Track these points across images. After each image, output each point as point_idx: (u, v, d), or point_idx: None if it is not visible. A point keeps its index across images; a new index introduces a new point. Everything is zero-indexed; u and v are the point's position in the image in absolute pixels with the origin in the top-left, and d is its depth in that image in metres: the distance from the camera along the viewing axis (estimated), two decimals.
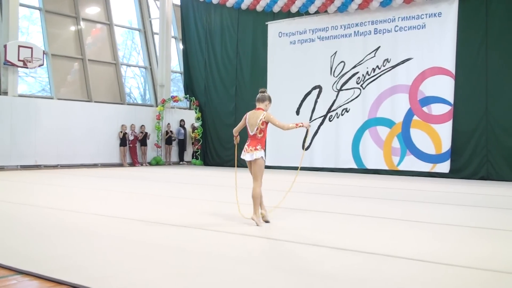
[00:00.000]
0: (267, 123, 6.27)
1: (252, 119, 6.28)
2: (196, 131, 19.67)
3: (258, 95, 6.35)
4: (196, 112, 19.65)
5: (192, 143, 20.26)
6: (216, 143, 19.19)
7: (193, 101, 19.69)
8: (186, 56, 20.12)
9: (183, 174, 15.10)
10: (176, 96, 20.29)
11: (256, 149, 6.25)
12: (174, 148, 20.23)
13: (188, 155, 20.60)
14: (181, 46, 21.31)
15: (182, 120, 20.36)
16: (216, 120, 19.15)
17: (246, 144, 6.38)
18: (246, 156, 6.34)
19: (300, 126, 6.56)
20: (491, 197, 9.69)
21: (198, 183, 12.13)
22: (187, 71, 20.17)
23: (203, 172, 15.66)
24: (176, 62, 22.37)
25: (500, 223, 6.65)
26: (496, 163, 13.54)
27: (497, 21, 13.51)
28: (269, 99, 6.37)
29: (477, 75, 13.75)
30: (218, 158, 19.08)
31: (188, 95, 19.94)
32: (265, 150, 6.32)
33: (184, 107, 21.42)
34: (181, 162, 20.30)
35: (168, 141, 19.77)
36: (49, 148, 16.37)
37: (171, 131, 19.80)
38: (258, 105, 6.34)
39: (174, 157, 20.31)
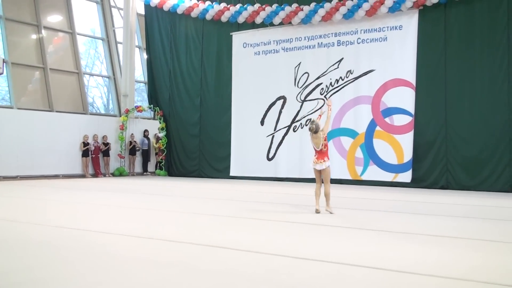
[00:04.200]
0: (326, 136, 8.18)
1: (315, 139, 8.14)
2: (160, 141, 19.55)
3: (312, 131, 8.10)
4: (160, 122, 19.54)
5: (156, 154, 20.10)
6: (180, 154, 19.11)
7: (157, 111, 19.58)
8: (150, 66, 20.02)
9: (147, 184, 14.97)
10: (140, 106, 20.14)
11: (324, 161, 8.08)
12: (138, 158, 20.04)
13: (152, 166, 20.43)
14: (145, 56, 21.19)
15: (146, 130, 20.19)
16: (180, 131, 19.09)
17: (315, 157, 8.22)
18: (316, 166, 8.16)
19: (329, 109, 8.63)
20: (449, 206, 9.94)
21: (162, 194, 12.05)
22: (151, 81, 20.06)
23: (168, 183, 15.57)
24: (140, 72, 22.21)
25: (458, 231, 6.83)
26: (455, 172, 13.92)
27: (455, 34, 13.96)
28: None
29: (436, 86, 14.15)
30: (183, 169, 19.00)
31: (152, 105, 19.83)
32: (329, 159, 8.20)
33: (148, 117, 21.27)
34: (145, 173, 20.11)
35: (132, 151, 19.56)
36: (9, 158, 15.95)
37: (135, 141, 19.61)
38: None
39: (138, 167, 20.11)
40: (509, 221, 7.94)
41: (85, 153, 17.87)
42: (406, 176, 14.30)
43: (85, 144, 17.82)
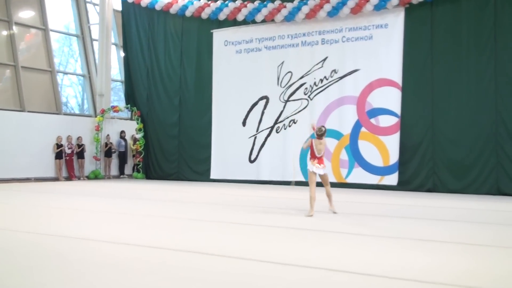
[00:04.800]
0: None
1: (318, 145, 8.81)
2: (137, 142, 19.43)
3: (320, 133, 8.91)
4: (137, 123, 19.41)
5: (133, 156, 19.97)
6: (159, 156, 19.00)
7: (135, 112, 19.45)
8: (128, 64, 19.88)
9: (124, 188, 14.87)
10: (117, 106, 19.99)
11: (324, 166, 8.93)
12: (114, 160, 19.87)
13: (129, 168, 20.29)
14: (122, 54, 21.05)
15: (122, 132, 20.05)
16: (159, 132, 18.99)
17: (315, 161, 8.85)
18: (319, 170, 8.83)
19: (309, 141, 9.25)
20: (436, 209, 10.04)
21: (140, 197, 11.97)
22: (128, 79, 19.92)
23: (146, 186, 15.48)
24: (116, 70, 22.07)
25: (445, 235, 6.90)
26: (442, 175, 14.05)
27: (441, 33, 14.11)
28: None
29: (423, 86, 14.28)
30: (161, 171, 18.89)
31: (129, 105, 19.69)
32: None
33: (125, 117, 21.11)
34: (121, 176, 19.96)
35: (108, 153, 19.40)
36: None
37: (111, 143, 19.46)
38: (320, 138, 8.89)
39: (114, 170, 19.95)
40: (497, 225, 8.05)
41: (58, 155, 17.67)
42: (392, 179, 14.40)
43: (59, 145, 17.63)
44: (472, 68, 13.69)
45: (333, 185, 14.94)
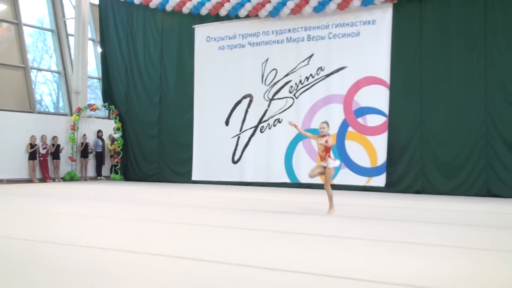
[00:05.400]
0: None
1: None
2: (115, 142, 19.29)
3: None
4: (115, 122, 19.29)
5: (111, 156, 19.84)
6: (138, 156, 18.89)
7: (113, 110, 19.32)
8: (105, 61, 19.74)
9: (101, 190, 14.75)
10: (94, 104, 19.84)
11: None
12: (91, 161, 19.73)
13: (106, 169, 20.15)
14: (99, 50, 20.90)
15: (100, 131, 19.91)
16: (138, 131, 18.87)
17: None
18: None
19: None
20: (424, 212, 10.08)
21: (118, 200, 11.88)
22: (106, 76, 19.79)
23: (124, 188, 15.37)
24: (93, 67, 21.91)
25: (433, 238, 6.92)
26: (431, 176, 14.14)
27: (430, 30, 14.20)
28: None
29: (411, 85, 14.36)
30: (141, 173, 18.79)
31: (107, 103, 19.55)
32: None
33: (102, 116, 20.97)
34: (99, 177, 19.82)
35: (84, 153, 19.24)
36: None
37: (87, 143, 19.30)
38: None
39: (91, 171, 19.80)
40: (488, 227, 8.10)
41: (32, 156, 17.49)
42: (380, 180, 14.43)
43: (32, 145, 17.44)
44: (462, 66, 13.79)
45: (319, 186, 15.08)
